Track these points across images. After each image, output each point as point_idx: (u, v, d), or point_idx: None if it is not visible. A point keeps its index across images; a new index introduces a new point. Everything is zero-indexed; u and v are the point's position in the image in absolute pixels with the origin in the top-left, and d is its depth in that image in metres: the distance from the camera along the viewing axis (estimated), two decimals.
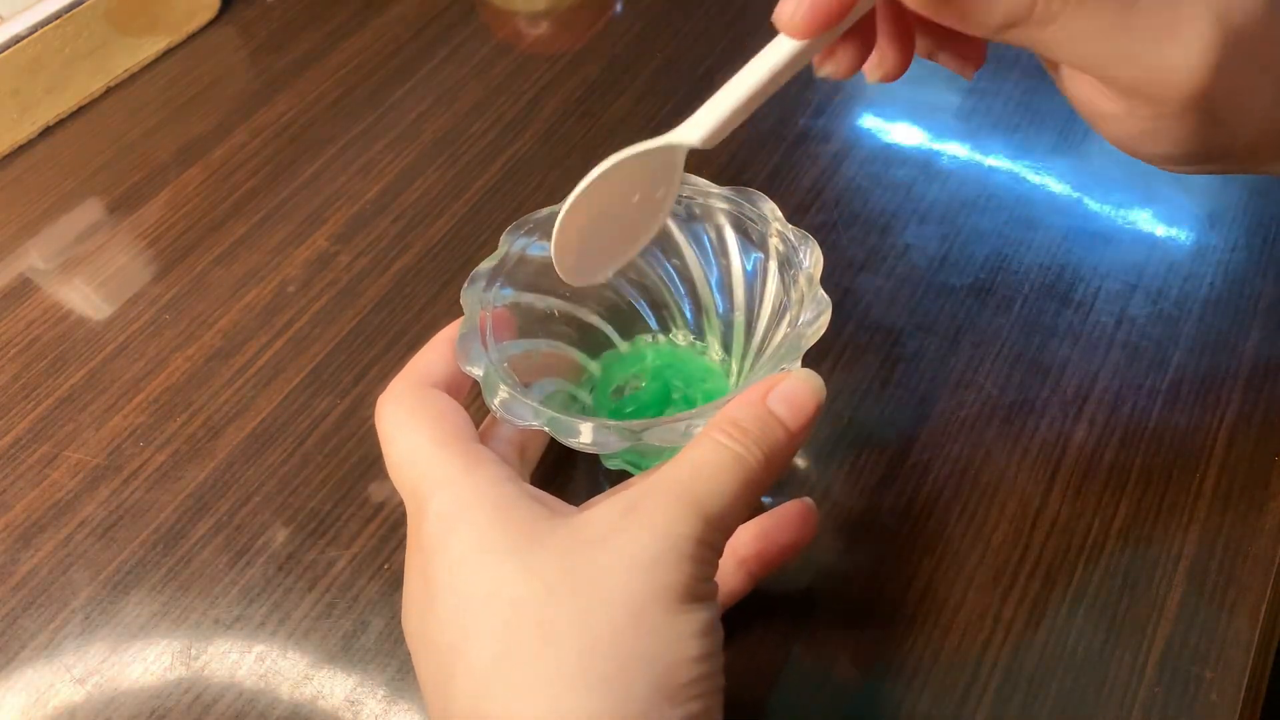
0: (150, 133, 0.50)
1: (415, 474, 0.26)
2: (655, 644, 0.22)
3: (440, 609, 0.24)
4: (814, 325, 0.28)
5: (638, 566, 0.22)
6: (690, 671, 0.22)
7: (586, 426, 0.27)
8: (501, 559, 0.23)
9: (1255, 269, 0.39)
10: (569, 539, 0.23)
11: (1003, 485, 0.33)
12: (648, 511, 0.23)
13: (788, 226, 0.31)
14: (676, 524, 0.23)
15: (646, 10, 0.54)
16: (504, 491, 0.25)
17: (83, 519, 0.36)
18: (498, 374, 0.28)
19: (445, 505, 0.25)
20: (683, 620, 0.22)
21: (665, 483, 0.23)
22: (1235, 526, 0.32)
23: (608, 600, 0.22)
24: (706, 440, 0.24)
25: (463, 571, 0.24)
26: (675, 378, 0.34)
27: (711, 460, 0.24)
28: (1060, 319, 0.38)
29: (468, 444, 0.26)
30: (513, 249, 0.32)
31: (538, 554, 0.23)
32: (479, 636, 0.23)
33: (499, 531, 0.24)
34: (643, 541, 0.23)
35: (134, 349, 0.41)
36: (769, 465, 0.24)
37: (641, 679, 0.22)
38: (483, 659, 0.22)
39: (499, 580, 0.23)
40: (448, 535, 0.24)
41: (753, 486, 0.24)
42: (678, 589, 0.22)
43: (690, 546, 0.23)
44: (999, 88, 0.47)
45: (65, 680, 0.32)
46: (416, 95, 0.51)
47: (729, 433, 0.24)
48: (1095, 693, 0.29)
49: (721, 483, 0.23)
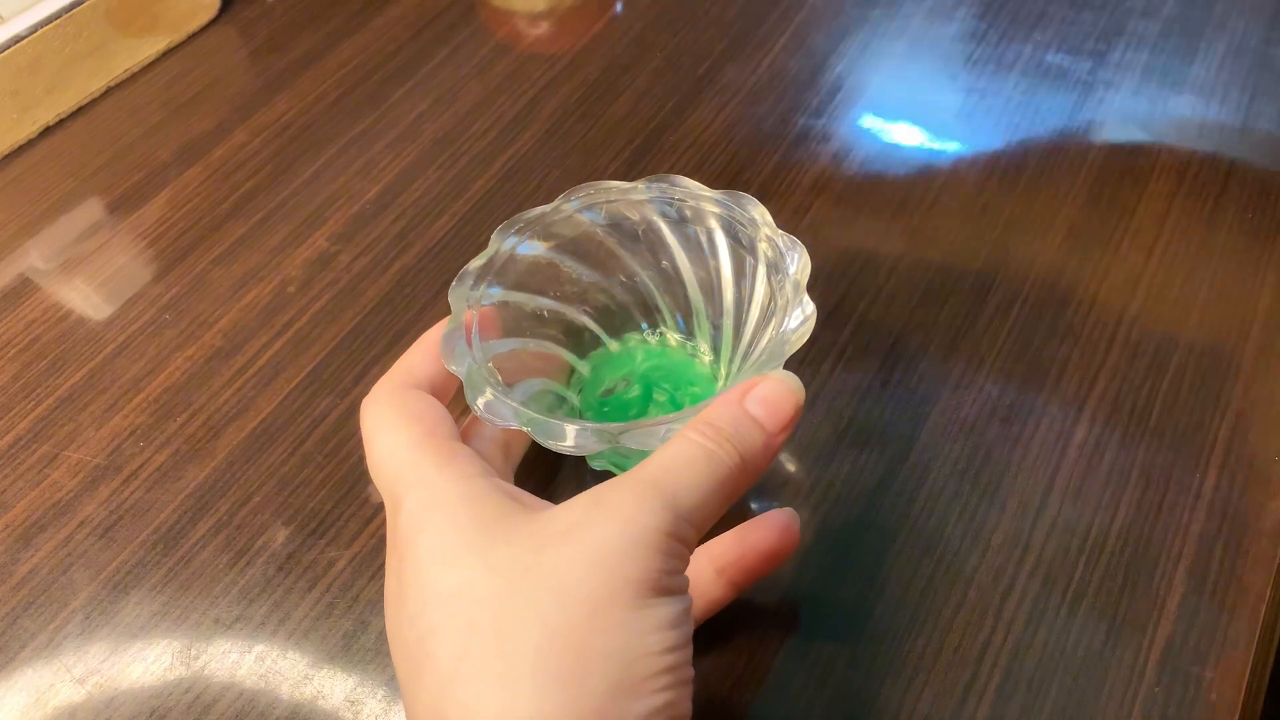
0: (150, 133, 0.50)
1: (391, 474, 0.26)
2: (615, 639, 0.22)
3: (409, 607, 0.24)
4: (797, 332, 0.28)
5: (600, 561, 0.22)
6: (653, 665, 0.22)
7: (566, 429, 0.27)
8: (466, 556, 0.23)
9: (1255, 269, 0.39)
10: (534, 534, 0.23)
11: (1003, 485, 0.33)
12: (614, 504, 0.23)
13: (777, 232, 0.31)
14: (643, 515, 0.23)
15: (646, 10, 0.54)
16: (474, 488, 0.25)
17: (83, 519, 0.36)
18: (481, 373, 0.28)
19: (416, 503, 0.25)
20: (647, 614, 0.22)
21: (634, 477, 0.24)
22: (1235, 526, 0.32)
23: (567, 596, 0.22)
24: (680, 438, 0.24)
25: (429, 569, 0.24)
26: (663, 380, 0.34)
27: (683, 456, 0.24)
28: (1060, 318, 0.38)
29: (443, 442, 0.27)
30: (502, 248, 0.32)
31: (501, 550, 0.23)
32: (443, 634, 0.23)
33: (466, 529, 0.24)
34: (607, 534, 0.22)
35: (134, 349, 0.41)
36: (744, 465, 0.24)
37: (599, 675, 0.21)
38: (445, 657, 0.22)
39: (462, 578, 0.23)
40: (417, 533, 0.24)
41: (727, 484, 0.24)
42: (642, 582, 0.22)
43: (657, 538, 0.22)
44: (999, 88, 0.47)
45: (65, 680, 0.32)
46: (416, 95, 0.51)
47: (703, 432, 0.24)
48: (1095, 693, 0.29)
49: (692, 477, 0.23)
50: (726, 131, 0.46)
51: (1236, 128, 0.44)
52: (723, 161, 0.45)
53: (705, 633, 0.30)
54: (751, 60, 0.49)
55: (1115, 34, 0.49)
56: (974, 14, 0.51)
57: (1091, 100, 0.46)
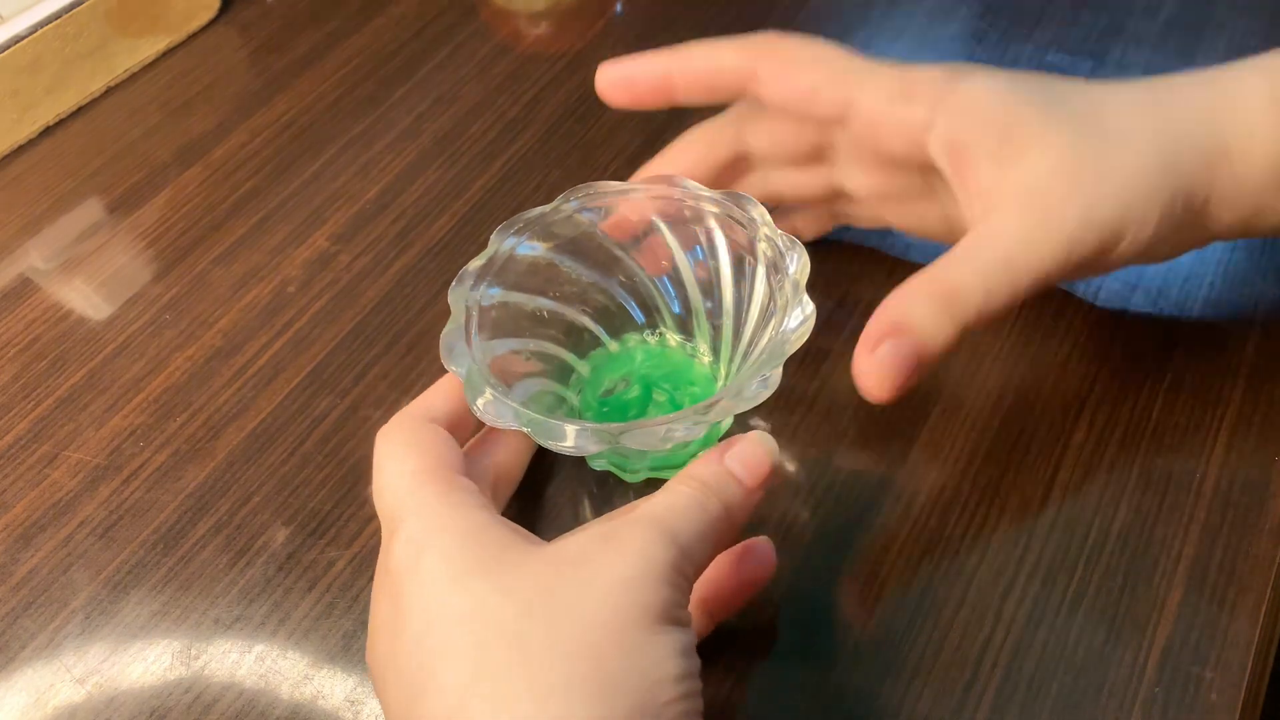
0: (150, 132, 0.50)
1: (392, 500, 0.27)
2: (637, 662, 0.22)
3: (411, 631, 0.24)
4: (797, 332, 0.28)
5: (616, 587, 0.23)
6: (671, 691, 0.22)
7: (566, 429, 0.27)
8: (475, 580, 0.24)
9: (1255, 269, 0.39)
10: (545, 562, 0.24)
11: (1003, 485, 0.33)
12: (625, 538, 0.24)
13: (776, 232, 0.31)
14: (652, 548, 0.24)
15: (646, 10, 0.54)
16: (476, 518, 0.26)
17: (83, 519, 0.36)
18: (480, 375, 0.28)
19: (415, 530, 0.25)
20: (662, 640, 0.23)
21: (640, 515, 0.25)
22: (1235, 526, 0.32)
23: (587, 619, 0.22)
24: (671, 489, 0.26)
25: (434, 593, 0.24)
26: (662, 380, 0.34)
27: (679, 502, 0.25)
28: (1060, 318, 0.38)
29: (448, 473, 0.27)
30: (502, 248, 0.32)
31: (512, 575, 0.24)
32: (451, 657, 0.23)
33: (471, 555, 0.24)
34: (620, 564, 0.23)
35: (134, 349, 0.41)
36: (729, 515, 0.26)
37: (624, 695, 0.22)
38: (456, 678, 0.22)
39: (472, 601, 0.23)
40: (418, 558, 0.25)
41: (717, 529, 0.25)
42: (656, 610, 0.23)
43: (667, 571, 0.23)
44: None
45: (65, 680, 0.32)
46: (416, 95, 0.51)
47: (689, 484, 0.26)
48: (1095, 693, 0.29)
49: (690, 520, 0.25)
50: None
51: None
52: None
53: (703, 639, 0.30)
54: None
55: (1115, 34, 0.49)
56: (974, 14, 0.51)
57: None
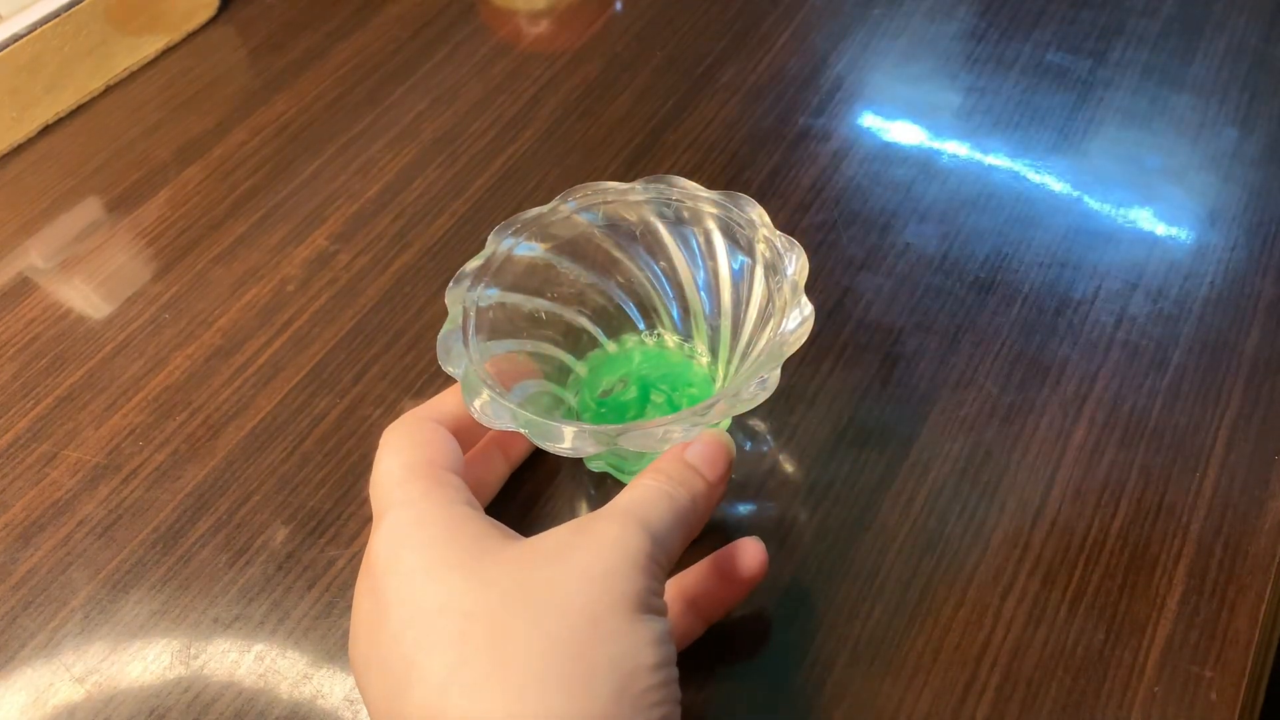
0: (150, 132, 0.50)
1: (381, 494, 0.27)
2: (615, 650, 0.22)
3: (392, 624, 0.24)
4: (795, 333, 0.28)
5: (594, 577, 0.23)
6: (650, 679, 0.23)
7: (564, 431, 0.27)
8: (452, 572, 0.24)
9: (1255, 269, 0.39)
10: (522, 554, 0.24)
11: (1003, 485, 0.33)
12: (600, 529, 0.24)
13: (775, 233, 0.31)
14: (628, 538, 0.24)
15: (646, 9, 0.54)
16: (456, 512, 0.26)
17: (82, 518, 0.36)
18: (478, 376, 0.28)
19: (396, 521, 0.26)
20: (640, 628, 0.23)
21: (611, 508, 0.25)
22: (1235, 526, 0.32)
23: (566, 608, 0.23)
24: (638, 484, 0.27)
25: (414, 585, 0.24)
26: (660, 381, 0.34)
27: (649, 495, 0.26)
28: (1060, 318, 0.38)
29: (439, 471, 0.27)
30: (499, 248, 0.32)
31: (490, 567, 0.24)
32: (432, 648, 0.23)
33: (451, 547, 0.25)
34: (596, 554, 0.24)
35: (133, 348, 0.41)
36: (694, 506, 0.26)
37: (604, 683, 0.22)
38: (438, 669, 0.23)
39: (451, 592, 0.24)
40: (399, 550, 0.25)
41: (686, 520, 0.26)
42: (633, 598, 0.23)
43: (642, 559, 0.24)
44: (999, 86, 0.47)
45: (65, 679, 0.32)
46: (416, 95, 0.51)
47: (657, 478, 0.27)
48: (1095, 692, 0.29)
49: (660, 510, 0.25)
50: (726, 131, 0.46)
51: (1236, 126, 0.44)
52: (722, 161, 0.45)
53: (704, 639, 0.30)
54: (751, 59, 0.49)
55: (1115, 33, 0.49)
56: (974, 13, 0.51)
57: (1091, 99, 0.46)
